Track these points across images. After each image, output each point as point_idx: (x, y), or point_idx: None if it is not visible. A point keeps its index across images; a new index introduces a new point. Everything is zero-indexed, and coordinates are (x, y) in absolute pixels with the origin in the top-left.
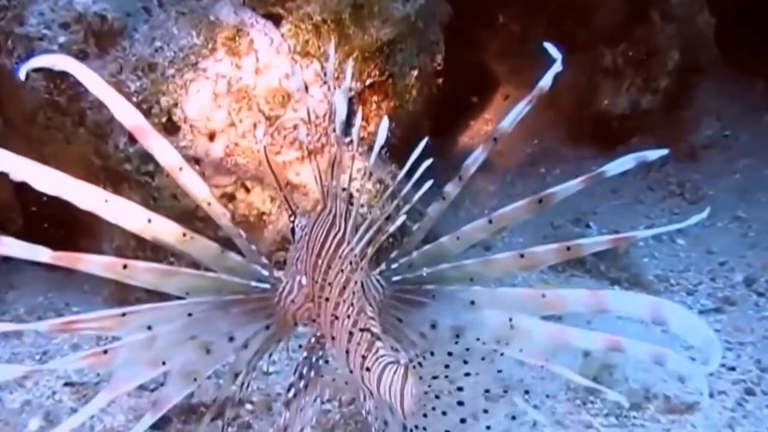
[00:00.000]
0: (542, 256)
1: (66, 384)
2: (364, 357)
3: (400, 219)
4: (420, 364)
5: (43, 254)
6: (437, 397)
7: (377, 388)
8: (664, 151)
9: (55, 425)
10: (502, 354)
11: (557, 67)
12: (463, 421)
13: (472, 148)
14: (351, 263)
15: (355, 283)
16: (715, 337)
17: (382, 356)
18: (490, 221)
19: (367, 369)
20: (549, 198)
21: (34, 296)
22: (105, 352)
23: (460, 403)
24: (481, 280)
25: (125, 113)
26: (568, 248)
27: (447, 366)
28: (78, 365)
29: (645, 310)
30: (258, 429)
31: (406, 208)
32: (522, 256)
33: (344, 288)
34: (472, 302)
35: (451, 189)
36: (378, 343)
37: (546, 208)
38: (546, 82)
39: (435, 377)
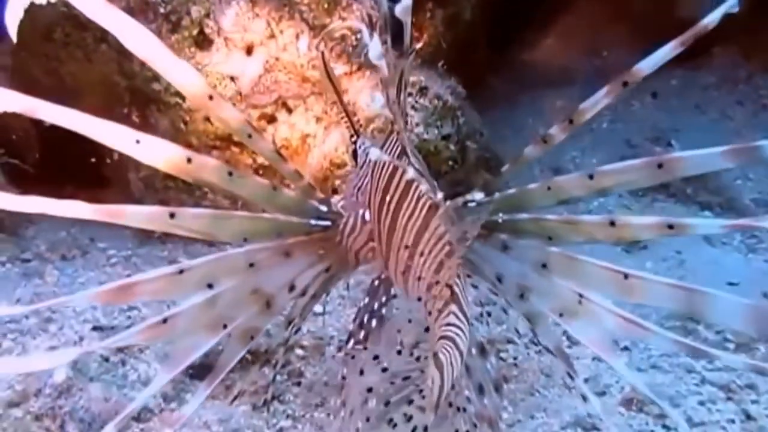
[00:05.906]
0: (637, 231)
1: (94, 328)
2: (439, 313)
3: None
4: None
5: (81, 210)
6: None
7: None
8: None
9: (84, 375)
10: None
11: None
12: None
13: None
14: (430, 206)
15: (435, 229)
16: None
17: (450, 325)
18: (591, 176)
19: (443, 337)
20: (673, 165)
21: (56, 231)
22: (164, 321)
23: None
24: (561, 242)
25: (124, 28)
26: (671, 226)
27: None
28: (135, 340)
29: (752, 320)
30: (310, 377)
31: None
32: (613, 224)
33: (422, 234)
34: (544, 265)
35: (557, 132)
36: (452, 307)
37: (668, 177)
38: None
39: None
